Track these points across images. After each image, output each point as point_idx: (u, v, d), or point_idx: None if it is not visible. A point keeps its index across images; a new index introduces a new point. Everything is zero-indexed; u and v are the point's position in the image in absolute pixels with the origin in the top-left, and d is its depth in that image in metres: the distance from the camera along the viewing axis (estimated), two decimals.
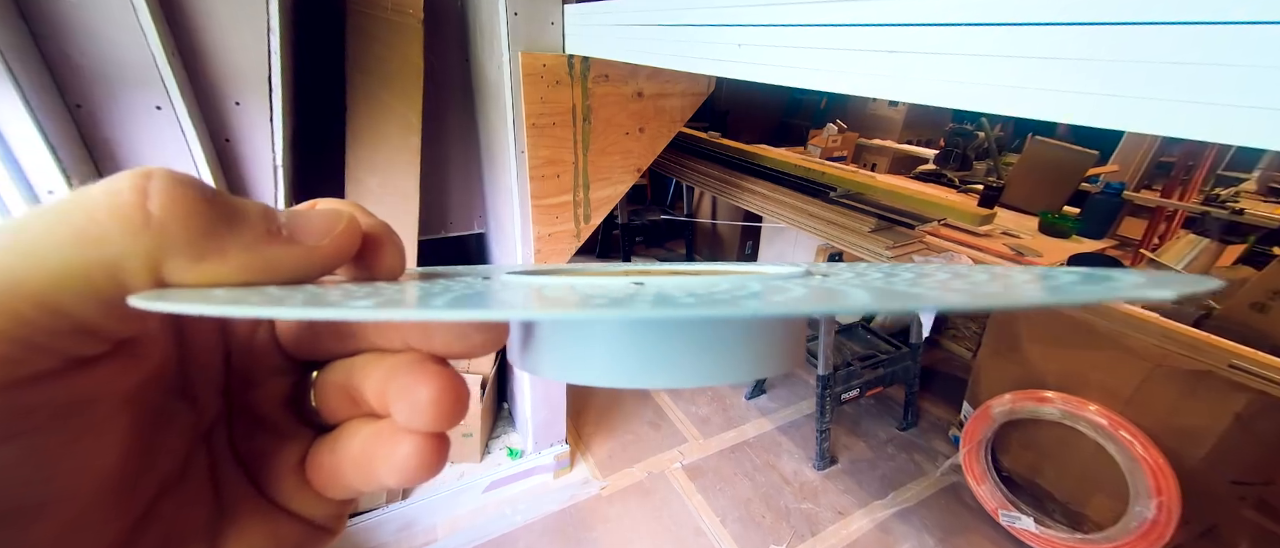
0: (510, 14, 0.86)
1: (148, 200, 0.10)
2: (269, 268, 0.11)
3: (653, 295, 0.09)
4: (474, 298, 0.10)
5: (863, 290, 0.09)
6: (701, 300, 0.07)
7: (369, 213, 0.14)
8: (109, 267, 0.09)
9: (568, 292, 0.10)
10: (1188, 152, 1.97)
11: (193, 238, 0.10)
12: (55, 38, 0.67)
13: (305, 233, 0.12)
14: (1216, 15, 0.24)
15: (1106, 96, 0.27)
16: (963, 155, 2.11)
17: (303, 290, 0.10)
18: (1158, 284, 0.08)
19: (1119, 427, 1.11)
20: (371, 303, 0.08)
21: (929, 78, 0.34)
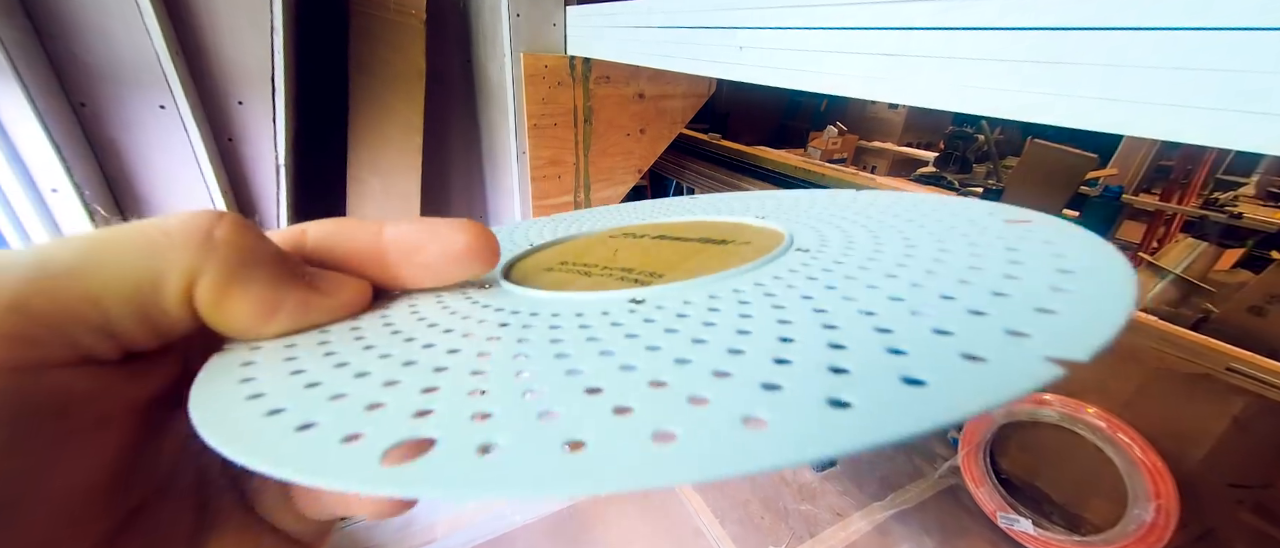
0: (512, 15, 0.87)
1: (216, 228, 0.11)
2: (289, 311, 0.12)
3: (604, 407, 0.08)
4: (454, 382, 0.10)
5: None
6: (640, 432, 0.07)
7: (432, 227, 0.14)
8: (156, 273, 0.10)
9: (549, 376, 0.09)
10: (1186, 155, 1.97)
11: (232, 265, 0.11)
12: (60, 36, 0.67)
13: (329, 285, 0.13)
14: (1211, 21, 0.25)
15: (1105, 101, 0.27)
16: (963, 158, 2.12)
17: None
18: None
19: (1117, 429, 1.12)
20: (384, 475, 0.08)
21: (928, 81, 0.35)
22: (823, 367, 0.08)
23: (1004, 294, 0.09)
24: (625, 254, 0.17)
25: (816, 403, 0.07)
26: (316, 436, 0.09)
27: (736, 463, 0.06)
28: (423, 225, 0.14)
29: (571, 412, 0.08)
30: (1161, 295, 1.26)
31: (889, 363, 0.08)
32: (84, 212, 0.72)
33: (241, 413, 0.10)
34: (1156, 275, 1.29)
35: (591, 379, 0.09)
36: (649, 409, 0.08)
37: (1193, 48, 0.25)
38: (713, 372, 0.08)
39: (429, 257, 0.14)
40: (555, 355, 0.10)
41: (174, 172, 0.79)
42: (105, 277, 0.10)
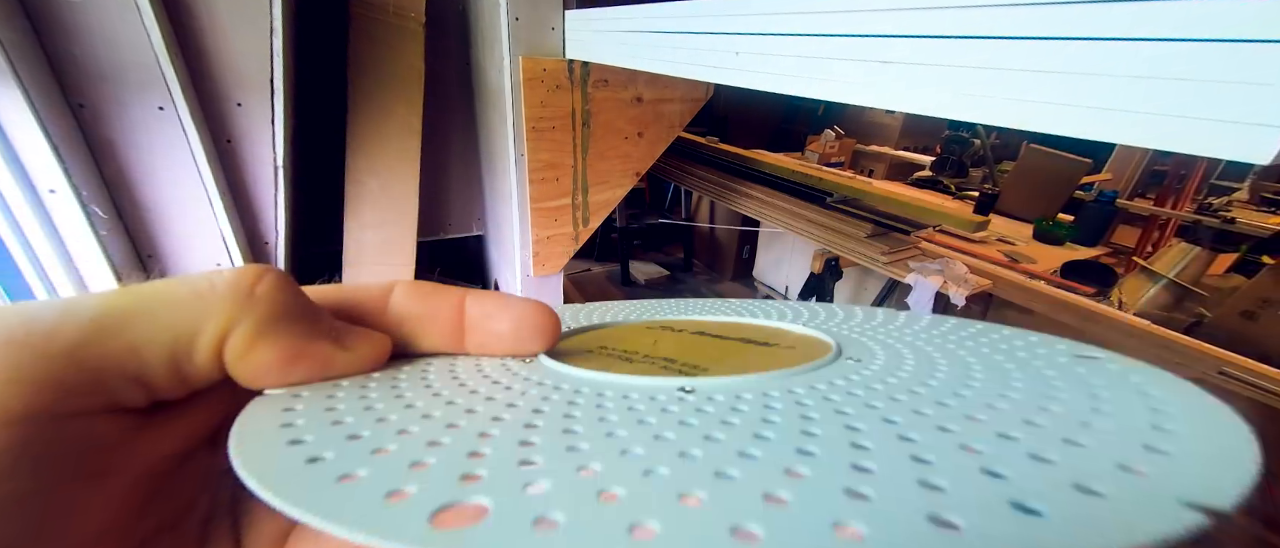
0: (511, 19, 0.87)
1: (258, 284, 0.12)
2: (310, 363, 0.13)
3: (671, 477, 0.08)
4: (500, 450, 0.09)
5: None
6: (725, 516, 0.07)
7: (494, 304, 0.15)
8: (195, 327, 0.11)
9: (602, 450, 0.09)
10: (1180, 161, 1.99)
11: (264, 320, 0.12)
12: (59, 37, 0.67)
13: (351, 340, 0.13)
14: (1200, 33, 0.25)
15: (1098, 110, 0.28)
16: (959, 162, 2.13)
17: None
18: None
19: None
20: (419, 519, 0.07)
21: (922, 88, 0.35)
22: (912, 480, 0.07)
23: (1091, 425, 0.08)
24: (665, 345, 0.17)
25: (917, 518, 0.06)
26: (360, 488, 0.08)
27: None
28: (500, 300, 0.15)
29: (634, 493, 0.07)
30: (1155, 300, 1.27)
31: (990, 485, 0.07)
32: (82, 213, 0.72)
33: (284, 459, 0.10)
34: (1150, 280, 1.30)
35: (649, 463, 0.08)
36: (722, 502, 0.07)
37: (1185, 58, 0.26)
38: (784, 470, 0.08)
39: (500, 326, 0.15)
40: (605, 434, 0.10)
41: (172, 173, 0.79)
42: (149, 328, 0.11)
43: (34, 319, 0.10)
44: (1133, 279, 1.34)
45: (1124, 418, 0.09)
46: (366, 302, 0.15)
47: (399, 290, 0.15)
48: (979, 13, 0.32)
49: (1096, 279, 1.35)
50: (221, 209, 0.83)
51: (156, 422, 0.11)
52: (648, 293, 2.61)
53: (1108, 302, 1.26)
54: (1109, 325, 1.11)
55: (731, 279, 2.74)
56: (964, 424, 0.09)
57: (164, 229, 0.82)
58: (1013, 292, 1.25)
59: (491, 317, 0.15)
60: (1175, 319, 1.20)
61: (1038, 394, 0.10)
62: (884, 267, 1.25)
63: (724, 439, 0.09)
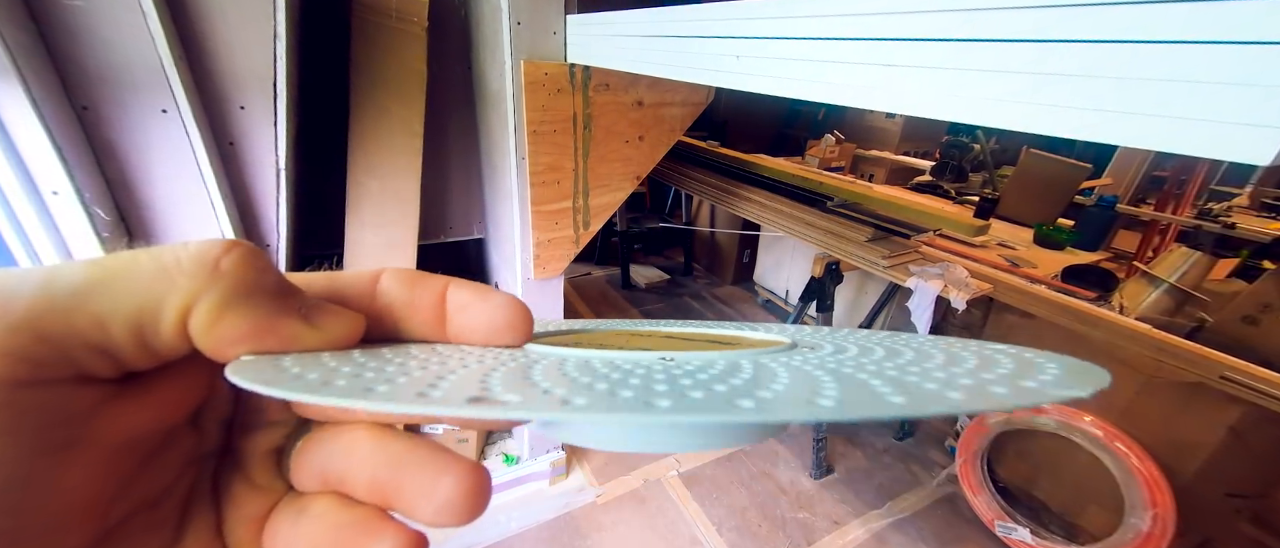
0: (513, 23, 0.87)
1: (223, 258, 0.12)
2: (276, 338, 0.13)
3: (666, 387, 0.10)
4: (519, 375, 0.11)
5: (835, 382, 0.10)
6: (706, 401, 0.09)
7: (476, 294, 0.15)
8: (159, 298, 0.11)
9: (603, 379, 0.11)
10: (1180, 166, 1.99)
11: (228, 294, 0.12)
12: (64, 39, 0.68)
13: (320, 317, 0.13)
14: (1199, 36, 0.25)
15: (1098, 112, 0.28)
16: (958, 167, 2.13)
17: (346, 366, 0.12)
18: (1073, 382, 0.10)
19: (1114, 438, 1.12)
20: (433, 395, 0.10)
21: (925, 91, 0.35)
22: (865, 382, 0.10)
23: (994, 365, 0.12)
24: (640, 343, 0.18)
25: (870, 385, 0.10)
26: (389, 388, 0.10)
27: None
28: (478, 292, 0.15)
29: (620, 381, 0.10)
30: (1156, 305, 1.27)
31: (923, 381, 0.10)
32: (84, 214, 0.72)
33: (271, 371, 0.11)
34: (1151, 285, 1.30)
35: (650, 380, 0.10)
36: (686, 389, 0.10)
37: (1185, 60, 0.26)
38: (761, 385, 0.10)
39: (475, 317, 0.15)
40: (594, 370, 0.12)
41: (175, 175, 0.79)
42: (113, 299, 0.11)
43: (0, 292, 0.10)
44: (1133, 284, 1.34)
45: (1017, 366, 0.12)
46: (355, 287, 0.15)
47: (386, 277, 0.15)
48: (982, 16, 0.32)
49: (1097, 284, 1.35)
50: (223, 211, 0.83)
51: (129, 394, 0.11)
52: (648, 297, 2.61)
53: (1108, 306, 1.26)
54: (1110, 329, 1.11)
55: (732, 283, 2.74)
56: (898, 369, 0.12)
57: (166, 231, 0.82)
58: (1013, 296, 1.25)
59: (467, 308, 0.15)
60: (1176, 324, 1.20)
61: (952, 358, 0.13)
62: (885, 271, 1.25)
63: (706, 378, 0.11)
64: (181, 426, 0.13)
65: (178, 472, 0.13)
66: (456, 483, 0.12)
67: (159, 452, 0.13)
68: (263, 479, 0.14)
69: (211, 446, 0.14)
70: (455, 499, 0.12)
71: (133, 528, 0.12)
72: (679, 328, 0.22)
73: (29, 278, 0.10)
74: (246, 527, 0.13)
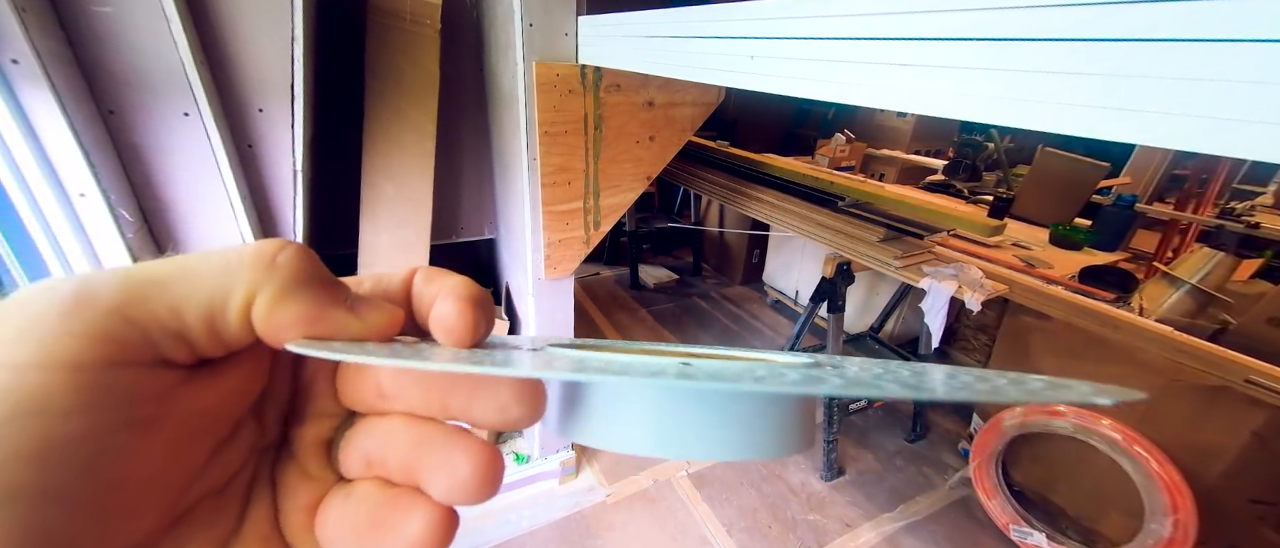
0: (525, 25, 0.88)
1: (279, 254, 0.13)
2: (325, 325, 0.14)
3: (703, 371, 0.10)
4: (542, 358, 0.12)
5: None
6: (740, 375, 0.09)
7: (462, 296, 0.15)
8: (227, 288, 0.12)
9: (627, 366, 0.12)
10: (1202, 165, 1.95)
11: (284, 285, 0.13)
12: (91, 46, 0.70)
13: (363, 310, 0.15)
14: (1223, 33, 0.25)
15: (1118, 111, 0.27)
16: (972, 166, 2.11)
17: (392, 348, 0.13)
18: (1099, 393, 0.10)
19: (1133, 442, 1.10)
20: (443, 358, 0.11)
21: (941, 91, 0.35)
22: (889, 378, 0.11)
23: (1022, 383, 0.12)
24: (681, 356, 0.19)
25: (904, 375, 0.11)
26: (426, 359, 0.11)
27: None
28: (444, 297, 0.15)
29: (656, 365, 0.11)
30: (1177, 306, 1.25)
31: (949, 378, 0.10)
32: (110, 216, 0.74)
33: (329, 350, 0.12)
34: (1172, 286, 1.27)
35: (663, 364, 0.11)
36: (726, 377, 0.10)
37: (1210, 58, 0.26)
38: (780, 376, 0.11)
39: (434, 315, 0.15)
40: (623, 362, 0.12)
41: (196, 177, 0.81)
42: (187, 290, 0.12)
43: (91, 283, 0.11)
44: (1153, 285, 1.32)
45: (1049, 381, 0.12)
46: (393, 285, 0.16)
47: (418, 275, 0.16)
48: (1000, 15, 0.32)
49: (1116, 285, 1.33)
50: (242, 212, 0.85)
51: (200, 378, 0.13)
52: (656, 297, 2.61)
53: (1128, 308, 1.23)
54: (1130, 332, 1.09)
55: (740, 283, 2.73)
56: (928, 380, 0.12)
57: (187, 232, 0.84)
58: (1029, 297, 1.23)
59: (433, 305, 0.15)
60: (1199, 326, 1.17)
61: (979, 377, 0.13)
62: (897, 271, 1.24)
63: (732, 373, 0.11)
64: (245, 416, 0.15)
65: (241, 461, 0.14)
66: (468, 461, 0.13)
67: (226, 441, 0.14)
68: (315, 469, 0.15)
69: (271, 438, 0.15)
70: (467, 478, 0.13)
71: (200, 514, 0.13)
72: (697, 349, 0.22)
73: (113, 273, 0.12)
74: (301, 515, 0.14)
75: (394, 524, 0.13)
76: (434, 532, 0.13)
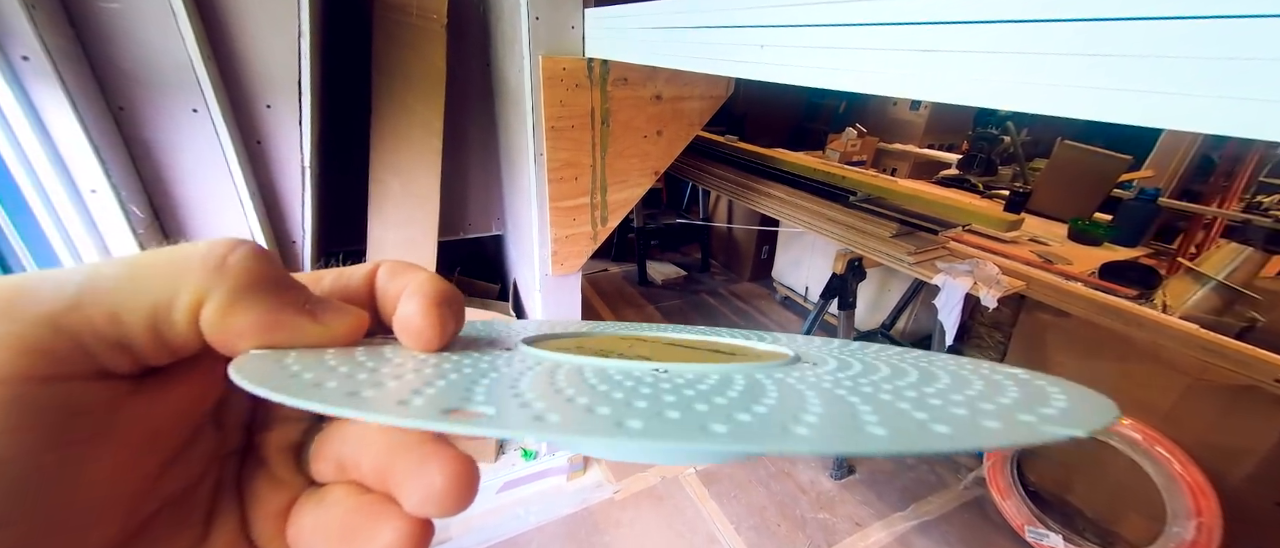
0: (532, 18, 0.87)
1: (231, 254, 0.12)
2: (282, 333, 0.13)
3: (646, 405, 0.10)
4: (506, 385, 0.11)
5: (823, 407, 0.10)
6: (679, 424, 0.09)
7: (434, 295, 0.14)
8: (172, 293, 0.11)
9: (586, 392, 0.11)
10: (1228, 157, 1.89)
11: (237, 289, 0.12)
12: (102, 43, 0.70)
13: (324, 314, 0.14)
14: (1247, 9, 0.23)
15: (1154, 94, 0.26)
16: (987, 160, 2.06)
17: (352, 374, 0.12)
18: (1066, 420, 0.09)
19: (1155, 443, 1.07)
20: (414, 404, 0.10)
21: (958, 77, 0.33)
22: (848, 414, 0.10)
23: (1000, 393, 0.11)
24: (640, 349, 0.18)
25: (849, 418, 0.09)
26: (375, 393, 0.10)
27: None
28: (413, 294, 0.14)
29: (615, 401, 0.10)
30: (1202, 303, 1.21)
31: (910, 415, 0.10)
32: (121, 212, 0.74)
33: (278, 372, 0.11)
34: (1196, 282, 1.23)
35: (629, 394, 0.11)
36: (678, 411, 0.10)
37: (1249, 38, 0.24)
38: (747, 406, 0.10)
39: (397, 318, 0.14)
40: (586, 382, 0.12)
41: (205, 173, 0.81)
42: (129, 295, 0.11)
43: (20, 289, 0.10)
44: (1177, 281, 1.28)
45: (1022, 394, 0.11)
46: (355, 282, 0.15)
47: (381, 269, 0.15)
48: None
49: (1138, 281, 1.29)
50: (251, 208, 0.85)
51: (149, 390, 0.12)
52: (664, 294, 2.60)
53: (1150, 304, 1.20)
54: (1153, 329, 1.06)
55: (749, 280, 2.71)
56: (893, 393, 0.11)
57: (197, 228, 0.85)
58: (1047, 293, 1.20)
59: (399, 306, 0.14)
60: (1225, 323, 1.14)
61: (960, 383, 0.12)
62: (910, 267, 1.21)
63: (692, 395, 0.11)
64: (204, 424, 0.14)
65: (202, 470, 0.14)
66: (441, 474, 0.12)
67: (183, 450, 0.13)
68: (284, 474, 0.14)
69: (234, 444, 0.15)
70: (440, 490, 0.12)
71: (160, 525, 0.12)
72: (684, 335, 0.22)
73: (48, 278, 0.11)
74: (271, 521, 0.14)
75: (366, 533, 0.12)
76: (410, 541, 0.12)
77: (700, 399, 0.10)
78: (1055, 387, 0.12)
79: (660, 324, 0.25)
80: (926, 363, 0.15)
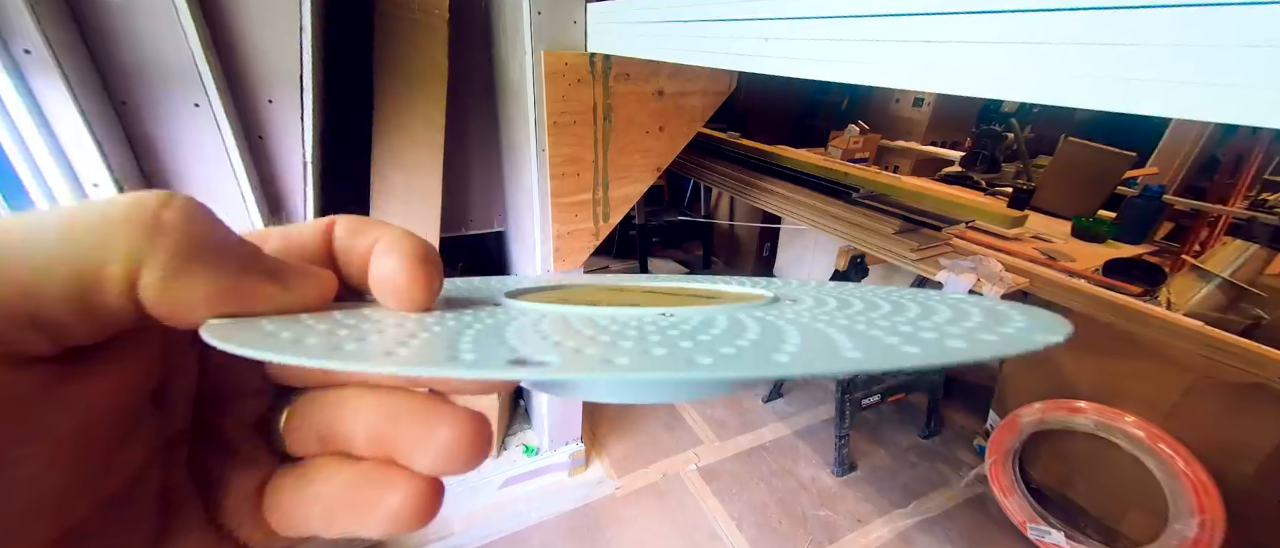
0: (533, 13, 0.87)
1: (164, 211, 0.10)
2: (243, 300, 0.11)
3: (634, 347, 0.10)
4: (492, 334, 0.11)
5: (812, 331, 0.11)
6: (682, 355, 0.09)
7: (403, 243, 0.13)
8: (96, 261, 0.10)
9: (573, 337, 0.11)
10: (1234, 153, 1.88)
11: (181, 254, 0.10)
12: (103, 38, 0.70)
13: (289, 277, 0.12)
14: None
15: (1165, 83, 0.25)
16: (991, 157, 2.05)
17: (329, 329, 0.11)
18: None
19: (1158, 440, 1.06)
20: (401, 354, 0.10)
21: (969, 67, 0.33)
22: (832, 339, 0.10)
23: (965, 318, 0.12)
24: (623, 299, 0.18)
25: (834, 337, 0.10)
26: (316, 343, 0.10)
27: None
28: (387, 246, 0.13)
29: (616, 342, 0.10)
30: (1208, 300, 1.20)
31: (888, 337, 0.10)
32: None
33: (256, 334, 0.10)
34: (1201, 279, 1.22)
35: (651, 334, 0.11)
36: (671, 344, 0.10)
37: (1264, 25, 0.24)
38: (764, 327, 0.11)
39: (376, 276, 0.13)
40: (601, 326, 0.12)
41: (207, 168, 0.81)
42: (40, 264, 0.09)
43: None
44: (1182, 278, 1.27)
45: (985, 318, 0.12)
46: (310, 239, 0.14)
47: (339, 226, 0.14)
48: None
49: (1142, 278, 1.29)
50: (253, 204, 0.85)
51: (78, 371, 0.10)
52: None
53: (1155, 301, 1.19)
54: (1158, 326, 1.06)
55: (751, 276, 2.70)
56: (868, 323, 0.12)
57: None
58: (1051, 290, 1.20)
59: (375, 263, 0.13)
60: (1230, 321, 1.13)
61: (928, 311, 0.13)
62: (913, 264, 1.21)
63: (680, 332, 0.11)
64: (144, 407, 0.12)
65: (145, 457, 0.12)
66: (453, 430, 0.11)
67: (120, 440, 0.11)
68: (250, 453, 0.13)
69: (181, 425, 0.13)
70: (453, 446, 0.11)
71: (103, 528, 0.11)
72: (664, 283, 0.22)
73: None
74: (243, 505, 0.13)
75: (372, 501, 0.11)
76: (420, 504, 0.11)
77: (684, 337, 0.11)
78: (1016, 310, 0.12)
79: (640, 274, 0.25)
80: (897, 297, 0.16)
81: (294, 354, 0.09)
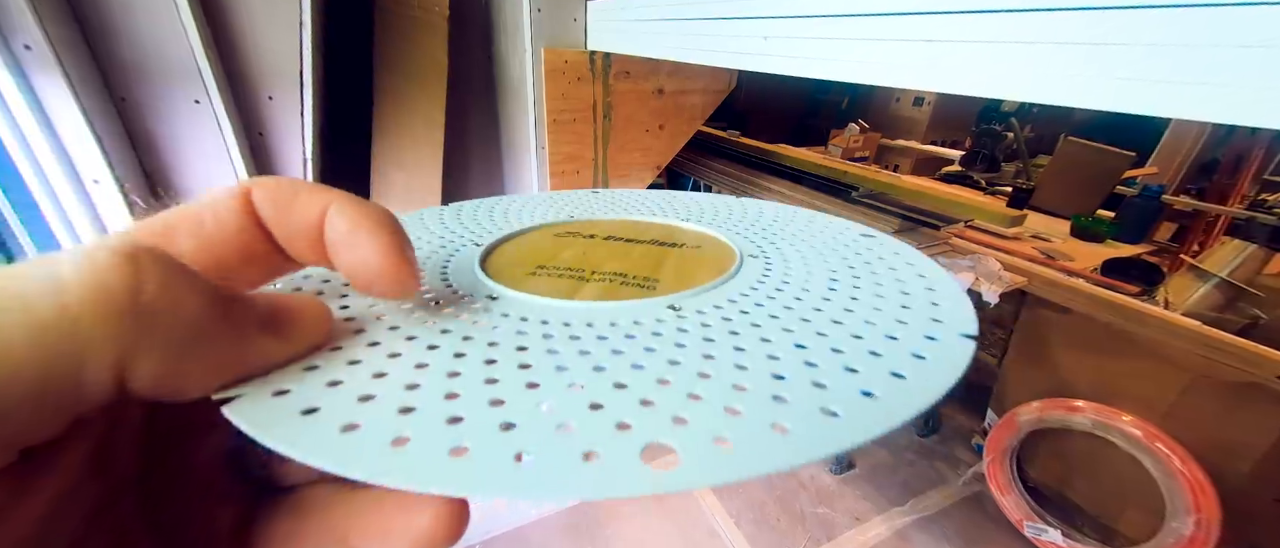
0: (534, 10, 0.87)
1: (141, 292, 0.08)
2: (246, 365, 0.10)
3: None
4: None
5: None
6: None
7: (389, 239, 0.12)
8: (73, 364, 0.08)
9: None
10: (1233, 154, 1.88)
11: (178, 342, 0.09)
12: (103, 34, 0.70)
13: (285, 326, 0.11)
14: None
15: (1165, 83, 0.26)
16: (990, 157, 2.05)
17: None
18: None
19: (1155, 439, 1.07)
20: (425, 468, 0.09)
21: (970, 68, 0.33)
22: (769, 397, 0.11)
23: (896, 338, 0.13)
24: (600, 257, 0.18)
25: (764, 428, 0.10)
26: (366, 437, 0.09)
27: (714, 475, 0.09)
28: (355, 223, 0.12)
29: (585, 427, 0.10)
30: (1206, 300, 1.20)
31: (815, 397, 0.11)
32: (123, 202, 0.74)
33: (280, 415, 0.10)
34: (1199, 279, 1.23)
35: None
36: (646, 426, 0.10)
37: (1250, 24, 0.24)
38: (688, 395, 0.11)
39: (353, 262, 0.12)
40: (594, 366, 0.12)
41: (208, 165, 0.81)
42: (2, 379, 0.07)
43: None
44: (1180, 278, 1.27)
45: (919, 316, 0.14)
46: (228, 222, 0.11)
47: (259, 197, 0.11)
48: None
49: (1140, 278, 1.29)
50: None
51: (37, 467, 0.09)
52: None
53: (1153, 301, 1.20)
54: (1156, 326, 1.06)
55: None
56: (829, 338, 0.13)
57: None
58: (1049, 290, 1.20)
59: (347, 248, 0.12)
60: (1228, 320, 1.13)
61: (876, 301, 0.15)
62: None
63: (720, 357, 0.12)
64: (86, 470, 0.10)
65: (79, 528, 0.10)
66: None
67: (53, 517, 0.09)
68: (225, 487, 0.12)
69: (123, 478, 0.11)
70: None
71: None
72: (604, 216, 0.23)
73: None
74: (226, 544, 0.12)
75: (399, 528, 0.10)
76: (450, 520, 0.11)
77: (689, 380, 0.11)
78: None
79: (559, 194, 0.26)
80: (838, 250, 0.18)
81: (353, 464, 0.09)
